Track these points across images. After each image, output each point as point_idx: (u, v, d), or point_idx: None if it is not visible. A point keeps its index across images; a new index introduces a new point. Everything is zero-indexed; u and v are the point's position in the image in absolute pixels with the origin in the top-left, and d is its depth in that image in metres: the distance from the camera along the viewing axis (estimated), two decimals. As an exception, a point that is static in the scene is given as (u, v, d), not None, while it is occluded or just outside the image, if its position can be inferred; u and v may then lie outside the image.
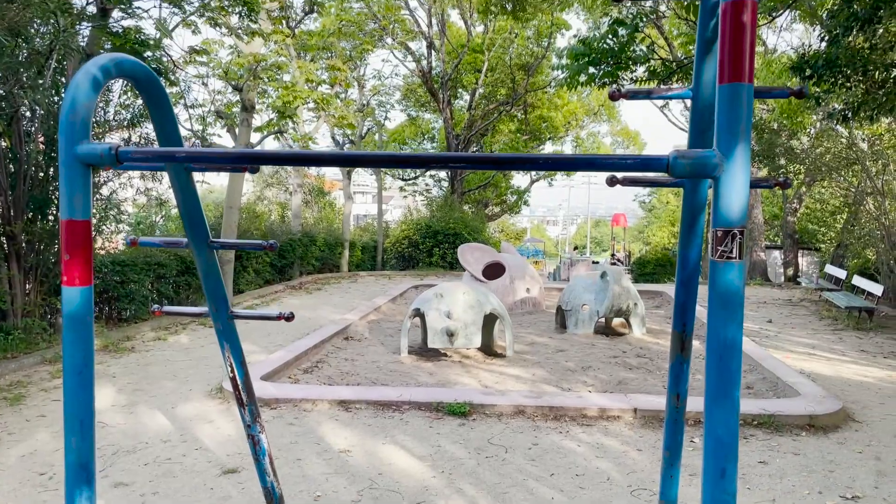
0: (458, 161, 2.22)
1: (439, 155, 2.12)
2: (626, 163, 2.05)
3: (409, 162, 2.23)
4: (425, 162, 2.19)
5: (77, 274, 2.26)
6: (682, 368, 3.29)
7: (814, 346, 9.43)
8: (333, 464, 5.03)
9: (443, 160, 2.23)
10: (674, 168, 2.02)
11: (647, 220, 56.96)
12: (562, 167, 2.10)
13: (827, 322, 11.62)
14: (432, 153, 2.19)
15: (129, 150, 2.25)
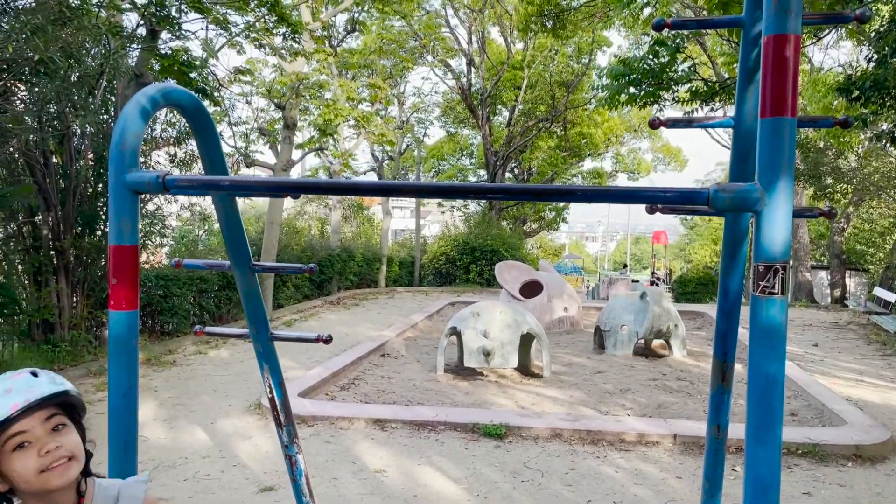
0: (497, 192, 2.23)
1: (478, 186, 2.13)
2: (666, 196, 2.03)
3: (448, 193, 2.24)
4: (464, 193, 2.21)
5: (123, 298, 2.32)
6: (723, 398, 3.23)
7: (861, 372, 9.16)
8: (369, 484, 5.05)
9: (481, 191, 2.24)
10: (714, 202, 2.00)
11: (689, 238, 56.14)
12: (600, 199, 2.10)
13: (875, 347, 11.28)
14: (471, 184, 2.21)
15: (176, 178, 2.31)
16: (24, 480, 1.42)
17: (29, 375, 1.50)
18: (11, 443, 1.41)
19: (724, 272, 2.96)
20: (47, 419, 1.45)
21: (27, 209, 8.81)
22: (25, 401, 1.42)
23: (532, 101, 27.59)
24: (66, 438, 1.47)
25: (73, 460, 1.46)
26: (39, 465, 1.41)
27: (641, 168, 35.00)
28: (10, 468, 1.41)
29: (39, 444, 1.42)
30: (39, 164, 8.72)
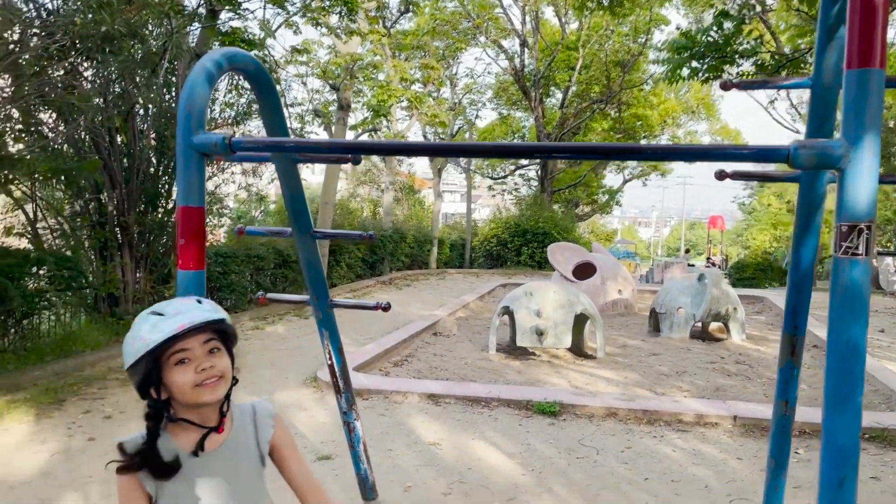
0: (562, 151, 2.19)
1: (542, 145, 2.09)
2: (743, 153, 1.96)
3: (511, 152, 2.21)
4: (529, 152, 2.17)
5: (192, 258, 2.36)
6: (792, 374, 3.13)
7: (933, 359, 8.78)
8: (423, 456, 5.08)
9: (546, 150, 2.20)
10: (795, 159, 1.91)
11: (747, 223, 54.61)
12: (672, 157, 2.03)
13: (948, 334, 10.80)
14: (535, 143, 2.16)
15: (241, 140, 2.33)
16: (181, 392, 1.60)
17: (195, 301, 1.70)
18: (174, 358, 1.59)
19: (797, 242, 2.85)
20: (206, 342, 1.63)
21: (93, 186, 9.09)
22: (190, 322, 1.60)
23: (586, 82, 27.15)
24: (219, 360, 1.64)
25: (223, 380, 1.64)
26: (195, 379, 1.60)
27: (698, 150, 34.09)
28: (170, 380, 1.60)
29: (197, 362, 1.61)
30: (105, 142, 8.97)
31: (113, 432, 5.48)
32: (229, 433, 1.73)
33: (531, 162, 31.73)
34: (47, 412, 5.93)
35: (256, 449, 1.78)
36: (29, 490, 4.36)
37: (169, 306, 1.66)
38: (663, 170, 33.48)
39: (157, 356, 1.59)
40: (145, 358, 1.59)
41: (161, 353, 1.58)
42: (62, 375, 7.02)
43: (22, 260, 7.19)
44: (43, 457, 4.92)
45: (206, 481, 1.67)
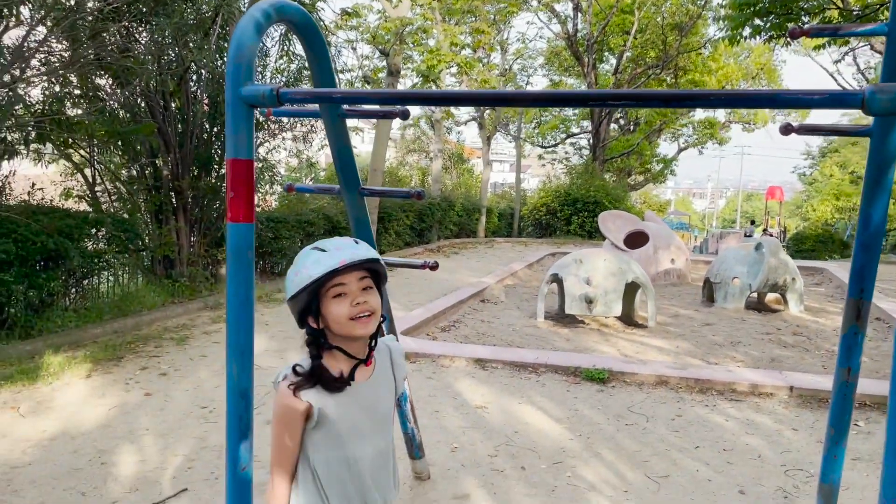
0: (620, 98, 2.08)
1: (600, 92, 2.00)
2: (813, 99, 1.84)
3: (565, 100, 2.12)
4: (584, 100, 2.07)
5: (241, 211, 2.36)
6: (856, 340, 2.98)
7: None
8: (470, 418, 5.08)
9: (603, 97, 2.10)
10: (871, 104, 1.78)
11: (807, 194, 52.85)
12: (738, 104, 1.92)
13: None
14: (591, 91, 2.07)
15: (289, 91, 2.30)
16: (337, 323, 1.73)
17: (352, 241, 1.82)
18: (333, 291, 1.73)
19: (866, 201, 2.69)
20: (361, 279, 1.76)
21: (149, 151, 9.28)
22: (350, 258, 1.72)
23: (641, 47, 26.40)
24: (372, 298, 1.77)
25: (374, 316, 1.76)
26: (350, 312, 1.72)
27: (758, 118, 33.00)
28: (328, 311, 1.74)
29: (353, 296, 1.73)
30: (160, 107, 9.13)
31: (168, 388, 5.63)
32: (374, 368, 1.86)
33: (582, 130, 31.16)
34: (106, 368, 6.14)
35: (394, 384, 1.93)
36: (88, 441, 4.52)
37: (330, 243, 1.78)
38: (721, 138, 32.53)
39: (318, 289, 1.72)
40: (307, 289, 1.72)
41: (321, 285, 1.71)
42: (120, 334, 7.24)
43: (81, 221, 7.40)
44: (102, 410, 5.10)
45: (356, 410, 1.79)
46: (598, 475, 4.14)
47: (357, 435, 1.80)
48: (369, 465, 1.82)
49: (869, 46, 19.29)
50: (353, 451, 1.79)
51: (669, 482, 4.06)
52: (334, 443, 1.78)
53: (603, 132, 26.38)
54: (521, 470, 4.19)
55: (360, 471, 1.80)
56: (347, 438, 1.79)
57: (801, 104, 1.89)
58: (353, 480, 1.79)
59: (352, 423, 1.80)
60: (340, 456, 1.79)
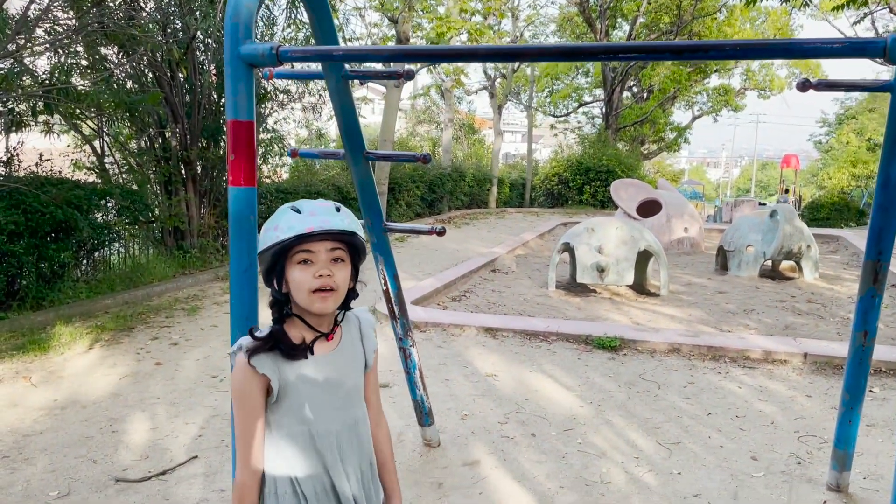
0: (630, 51, 2.00)
1: (609, 45, 1.93)
2: (832, 48, 1.75)
3: (573, 54, 2.04)
4: (593, 53, 2.00)
5: (242, 173, 2.31)
6: (874, 302, 2.92)
7: None
8: (480, 386, 5.06)
9: (612, 50, 2.02)
10: (893, 52, 1.70)
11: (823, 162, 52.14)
12: (753, 55, 1.84)
13: None
14: (600, 44, 1.99)
15: (289, 49, 2.23)
16: (297, 290, 1.63)
17: (332, 207, 1.69)
18: (298, 256, 1.62)
19: (886, 159, 2.60)
20: (331, 249, 1.64)
21: (157, 121, 9.23)
22: (320, 226, 1.61)
23: (655, 12, 25.90)
24: (339, 271, 1.65)
25: (335, 293, 1.64)
26: (311, 284, 1.61)
27: (774, 85, 32.43)
28: (291, 276, 1.63)
29: (318, 266, 1.62)
30: (167, 77, 9.05)
31: (179, 357, 5.65)
32: (339, 339, 1.76)
33: (595, 99, 30.77)
34: (117, 338, 6.16)
35: (363, 357, 1.83)
36: (100, 409, 4.54)
37: (308, 204, 1.68)
38: (736, 105, 32.04)
39: (285, 250, 1.62)
40: (272, 249, 1.62)
41: (289, 248, 1.61)
42: (131, 304, 7.27)
43: (90, 192, 7.38)
44: (113, 379, 5.12)
45: (319, 382, 1.69)
46: (609, 442, 4.11)
47: (321, 408, 1.70)
48: (336, 439, 1.72)
49: (888, 9, 18.79)
50: (318, 426, 1.69)
51: (681, 448, 4.03)
52: (297, 417, 1.68)
53: (616, 100, 26.05)
54: (531, 437, 4.17)
55: (327, 445, 1.70)
56: (311, 412, 1.69)
57: (818, 53, 1.81)
58: (319, 455, 1.69)
59: (315, 395, 1.69)
60: (304, 430, 1.68)
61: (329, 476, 1.71)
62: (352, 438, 1.76)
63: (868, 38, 1.71)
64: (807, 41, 1.78)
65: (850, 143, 42.25)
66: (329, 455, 1.70)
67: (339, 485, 1.70)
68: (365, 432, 1.82)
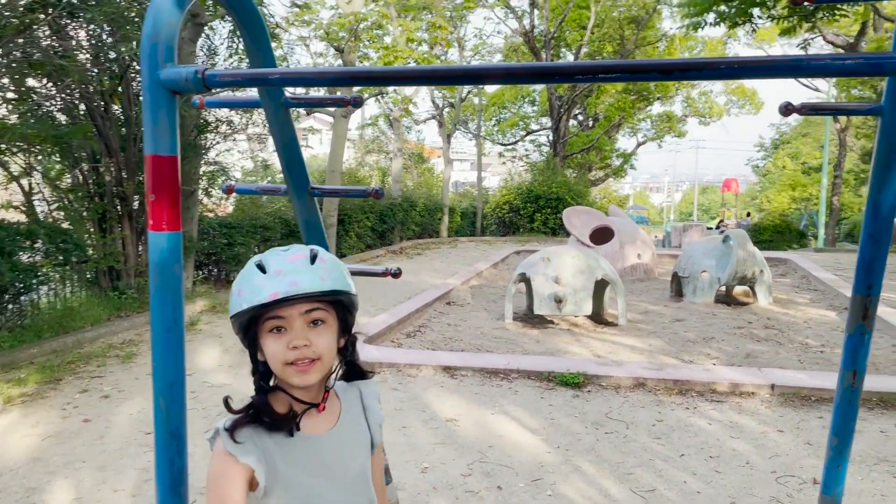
0: (611, 70, 1.75)
1: (587, 64, 1.68)
2: (844, 65, 1.53)
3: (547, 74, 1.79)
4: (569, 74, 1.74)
5: (164, 217, 1.97)
6: (863, 340, 2.72)
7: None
8: (440, 433, 4.74)
9: (592, 70, 1.77)
10: (913, 69, 1.49)
11: (761, 186, 53.83)
12: (752, 74, 1.60)
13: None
14: (578, 63, 1.74)
15: (218, 73, 1.91)
16: (272, 363, 1.39)
17: (306, 259, 1.42)
18: (269, 324, 1.38)
19: (876, 185, 2.42)
20: (307, 311, 1.38)
21: (90, 155, 8.72)
22: (286, 292, 1.35)
23: (599, 41, 26.37)
24: (319, 338, 1.38)
25: (317, 363, 1.38)
26: (285, 357, 1.36)
27: (713, 111, 33.30)
28: (264, 345, 1.40)
29: (292, 335, 1.37)
30: (99, 110, 8.57)
31: (110, 412, 5.17)
32: (338, 415, 1.50)
33: (542, 127, 31.05)
34: (42, 392, 5.63)
35: (368, 435, 1.54)
36: (16, 477, 4.05)
37: (273, 261, 1.41)
38: (678, 131, 32.74)
39: (255, 317, 1.38)
40: (241, 316, 1.40)
41: (258, 315, 1.37)
42: (60, 353, 6.71)
43: (12, 233, 6.84)
44: (34, 441, 4.62)
45: (316, 469, 1.42)
46: (580, 492, 3.83)
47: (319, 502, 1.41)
48: None
49: (822, 38, 19.46)
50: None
51: (656, 497, 3.78)
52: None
53: (563, 128, 26.28)
54: (497, 490, 3.86)
55: None
56: None
57: (828, 71, 1.58)
58: None
59: (311, 487, 1.40)
60: None
61: None
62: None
63: (884, 54, 1.49)
64: (815, 57, 1.55)
65: (787, 167, 43.73)
66: None
67: None
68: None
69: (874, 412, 5.04)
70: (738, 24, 10.30)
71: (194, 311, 8.65)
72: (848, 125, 25.78)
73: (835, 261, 14.39)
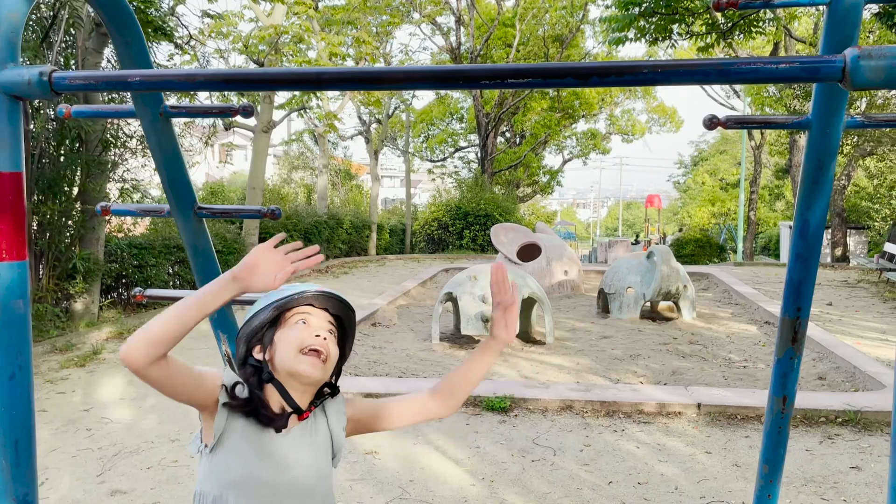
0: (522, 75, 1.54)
1: (496, 68, 1.47)
2: (777, 69, 1.36)
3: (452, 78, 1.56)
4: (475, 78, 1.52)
5: (4, 244, 1.66)
6: (792, 365, 2.60)
7: (884, 331, 8.60)
8: (359, 468, 4.43)
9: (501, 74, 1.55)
10: (855, 76, 1.32)
11: (682, 201, 55.66)
12: (679, 79, 1.42)
13: (892, 305, 10.74)
14: (486, 66, 1.52)
15: (68, 76, 1.61)
16: (285, 350, 1.53)
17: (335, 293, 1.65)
18: (297, 317, 1.56)
19: (804, 202, 2.30)
20: (329, 320, 1.60)
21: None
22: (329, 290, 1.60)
23: (524, 59, 26.67)
24: (331, 344, 1.58)
25: (326, 363, 1.55)
26: (303, 341, 1.52)
27: (636, 129, 34.21)
28: (281, 336, 1.55)
29: (315, 329, 1.55)
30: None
31: None
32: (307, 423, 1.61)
33: (470, 144, 31.16)
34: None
35: (329, 440, 1.64)
36: None
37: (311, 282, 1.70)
38: (603, 148, 33.46)
39: (282, 310, 1.57)
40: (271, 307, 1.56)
41: (289, 307, 1.56)
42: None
43: None
44: None
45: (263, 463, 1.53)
46: (506, 529, 3.60)
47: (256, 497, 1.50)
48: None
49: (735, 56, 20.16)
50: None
51: (585, 530, 3.58)
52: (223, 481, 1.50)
53: (490, 145, 26.40)
54: (417, 531, 3.59)
55: None
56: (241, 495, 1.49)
57: (760, 76, 1.41)
58: None
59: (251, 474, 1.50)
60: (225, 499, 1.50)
61: None
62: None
63: (821, 58, 1.33)
64: (745, 61, 1.38)
65: (706, 183, 45.33)
66: None
67: None
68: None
69: (798, 430, 5.02)
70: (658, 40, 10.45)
71: (99, 339, 8.06)
72: (762, 142, 26.84)
73: (753, 274, 14.79)
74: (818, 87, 2.22)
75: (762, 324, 9.35)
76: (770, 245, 34.89)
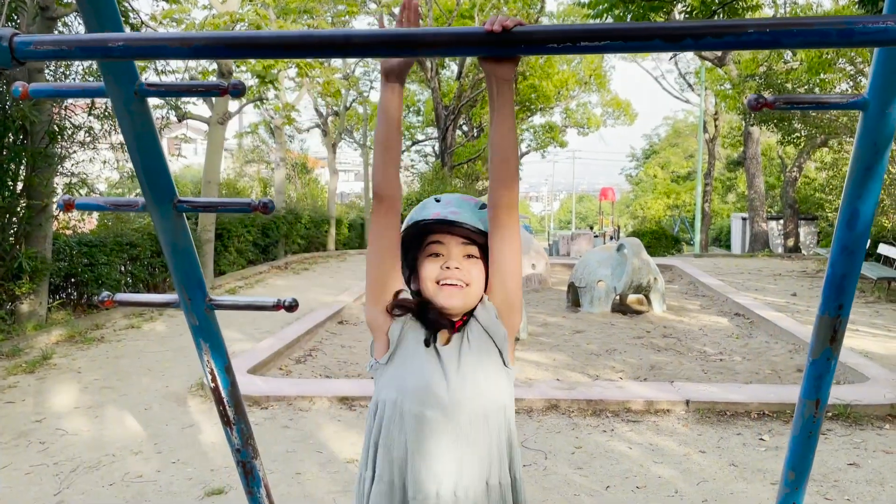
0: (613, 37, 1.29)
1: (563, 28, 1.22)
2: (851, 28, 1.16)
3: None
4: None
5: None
6: (829, 366, 2.41)
7: (853, 322, 8.67)
8: (340, 479, 4.16)
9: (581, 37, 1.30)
10: None
11: (634, 194, 56.42)
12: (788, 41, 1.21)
13: (855, 294, 10.87)
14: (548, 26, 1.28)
15: (33, 40, 1.31)
16: (424, 284, 1.60)
17: (474, 205, 1.62)
18: (429, 248, 1.60)
19: (854, 191, 2.10)
20: (464, 244, 1.58)
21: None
22: (446, 216, 1.57)
23: (483, 53, 26.49)
24: (472, 267, 1.58)
25: (466, 289, 1.56)
26: (438, 275, 1.57)
27: (591, 122, 34.43)
28: (422, 269, 1.61)
29: (447, 259, 1.58)
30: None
31: (-70, 478, 4.21)
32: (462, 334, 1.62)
33: (428, 137, 30.91)
34: None
35: (489, 339, 1.61)
36: None
37: (448, 195, 1.64)
38: (561, 141, 33.59)
39: (420, 239, 1.60)
40: (408, 233, 1.61)
41: (424, 236, 1.60)
42: None
43: None
44: None
45: (428, 364, 1.58)
46: (507, 542, 3.37)
47: (427, 403, 1.55)
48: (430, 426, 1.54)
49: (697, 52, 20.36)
50: (406, 401, 1.57)
51: (590, 541, 3.39)
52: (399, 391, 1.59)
53: (449, 138, 26.18)
54: (412, 548, 3.33)
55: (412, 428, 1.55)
56: (415, 400, 1.56)
57: (890, 37, 1.20)
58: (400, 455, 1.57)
59: (424, 381, 1.56)
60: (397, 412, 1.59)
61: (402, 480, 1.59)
62: (468, 435, 1.54)
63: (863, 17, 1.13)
64: (871, 19, 1.17)
65: (657, 176, 46.02)
66: (411, 460, 1.56)
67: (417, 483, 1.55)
68: (494, 441, 1.59)
69: (789, 426, 4.92)
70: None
71: (48, 343, 7.57)
72: (716, 135, 27.24)
73: (714, 266, 14.92)
74: (879, 61, 2.03)
75: (732, 315, 9.35)
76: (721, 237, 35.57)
